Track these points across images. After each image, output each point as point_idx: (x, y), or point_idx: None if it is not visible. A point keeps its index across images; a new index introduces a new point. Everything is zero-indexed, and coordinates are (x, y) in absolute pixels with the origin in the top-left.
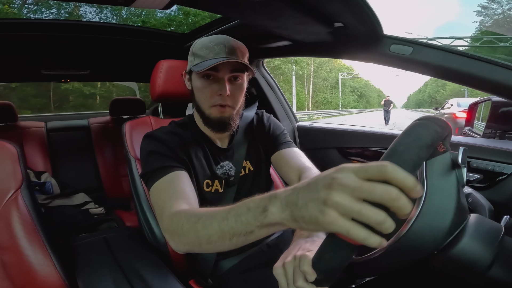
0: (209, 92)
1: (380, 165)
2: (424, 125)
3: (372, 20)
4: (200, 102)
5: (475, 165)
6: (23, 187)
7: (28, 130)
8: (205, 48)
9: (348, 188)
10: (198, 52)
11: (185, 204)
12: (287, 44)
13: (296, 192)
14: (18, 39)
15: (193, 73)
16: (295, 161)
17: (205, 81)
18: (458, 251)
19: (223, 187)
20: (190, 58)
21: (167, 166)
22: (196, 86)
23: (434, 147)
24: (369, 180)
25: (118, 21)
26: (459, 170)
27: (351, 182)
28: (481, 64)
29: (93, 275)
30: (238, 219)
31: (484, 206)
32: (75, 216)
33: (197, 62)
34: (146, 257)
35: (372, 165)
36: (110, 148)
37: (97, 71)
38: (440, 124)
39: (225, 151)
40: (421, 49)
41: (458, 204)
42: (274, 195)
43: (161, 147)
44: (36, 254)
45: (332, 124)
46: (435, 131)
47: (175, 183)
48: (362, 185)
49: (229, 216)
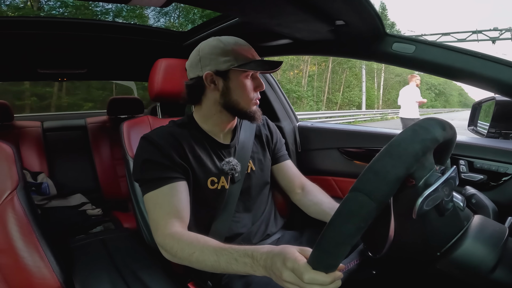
0: (252, 89)
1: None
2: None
3: (374, 18)
4: (243, 98)
5: (478, 165)
6: (19, 188)
7: (24, 130)
8: (242, 49)
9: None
10: (239, 52)
11: (179, 222)
12: (287, 42)
13: (269, 259)
14: (13, 37)
15: (232, 72)
16: (294, 174)
17: (249, 79)
18: (461, 253)
19: (229, 184)
20: (223, 57)
21: (163, 178)
22: (239, 84)
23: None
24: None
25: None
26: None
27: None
28: (485, 62)
29: (90, 277)
30: (229, 266)
31: (488, 207)
32: (72, 217)
33: (243, 62)
34: (144, 259)
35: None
36: (107, 148)
37: (95, 70)
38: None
39: (227, 147)
40: (424, 47)
41: None
42: (254, 258)
43: (156, 154)
44: (33, 256)
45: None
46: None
47: (169, 198)
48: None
49: (220, 261)
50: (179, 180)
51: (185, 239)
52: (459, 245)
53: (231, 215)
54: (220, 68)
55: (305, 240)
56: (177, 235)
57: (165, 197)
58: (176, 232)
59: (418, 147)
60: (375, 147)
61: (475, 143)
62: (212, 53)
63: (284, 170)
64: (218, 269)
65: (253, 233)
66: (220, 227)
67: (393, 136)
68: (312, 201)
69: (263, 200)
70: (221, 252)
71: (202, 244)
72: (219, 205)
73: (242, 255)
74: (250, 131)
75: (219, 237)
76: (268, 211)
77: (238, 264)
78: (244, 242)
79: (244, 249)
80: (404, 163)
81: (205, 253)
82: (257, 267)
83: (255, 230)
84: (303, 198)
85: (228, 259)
